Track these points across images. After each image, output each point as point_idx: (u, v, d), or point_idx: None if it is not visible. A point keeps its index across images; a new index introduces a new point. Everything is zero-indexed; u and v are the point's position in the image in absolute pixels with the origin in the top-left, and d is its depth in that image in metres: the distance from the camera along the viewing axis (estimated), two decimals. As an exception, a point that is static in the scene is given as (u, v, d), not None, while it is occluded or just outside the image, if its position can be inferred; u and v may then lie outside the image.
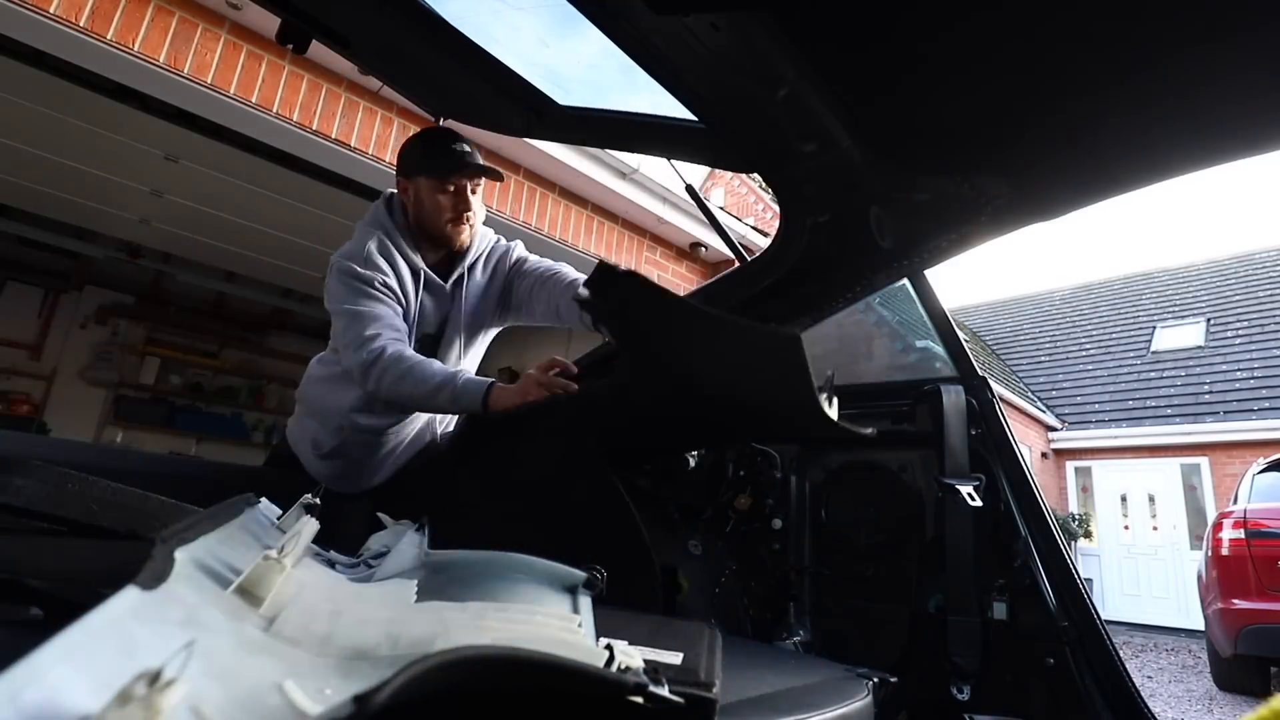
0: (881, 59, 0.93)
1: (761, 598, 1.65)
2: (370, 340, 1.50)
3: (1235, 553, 5.30)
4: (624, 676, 0.46)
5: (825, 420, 1.01)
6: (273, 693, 0.33)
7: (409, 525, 0.91)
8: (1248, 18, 0.74)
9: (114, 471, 0.71)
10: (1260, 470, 5.93)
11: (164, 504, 0.69)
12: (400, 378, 1.47)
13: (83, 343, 6.69)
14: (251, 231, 5.20)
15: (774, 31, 0.91)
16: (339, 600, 0.54)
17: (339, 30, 1.39)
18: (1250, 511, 5.42)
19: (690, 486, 1.62)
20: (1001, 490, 1.43)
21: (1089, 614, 1.30)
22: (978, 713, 1.32)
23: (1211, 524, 5.97)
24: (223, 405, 7.52)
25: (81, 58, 2.80)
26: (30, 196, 5.08)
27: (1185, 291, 14.78)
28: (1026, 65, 0.88)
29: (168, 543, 0.42)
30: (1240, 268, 14.62)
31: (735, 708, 0.66)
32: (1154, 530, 11.59)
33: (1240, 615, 5.10)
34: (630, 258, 4.84)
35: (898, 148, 1.09)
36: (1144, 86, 0.86)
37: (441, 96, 1.61)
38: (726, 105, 1.09)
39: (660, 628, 0.74)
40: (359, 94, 3.43)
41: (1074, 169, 1.05)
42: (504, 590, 0.65)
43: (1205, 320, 13.45)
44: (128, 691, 0.25)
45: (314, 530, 0.66)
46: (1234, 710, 4.93)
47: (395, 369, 1.47)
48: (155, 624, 0.33)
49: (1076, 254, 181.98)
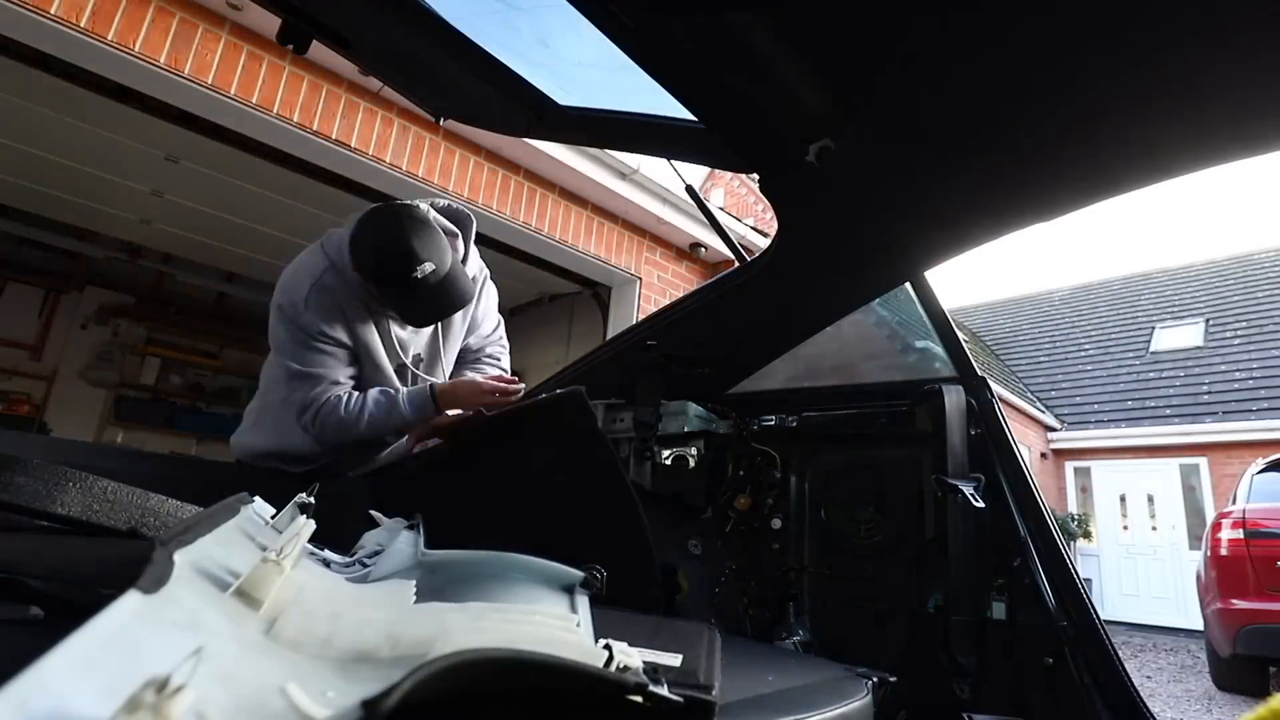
0: (881, 59, 0.93)
1: (761, 597, 1.65)
2: (309, 404, 1.52)
3: (1234, 553, 5.30)
4: (624, 676, 0.46)
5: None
6: (276, 696, 0.33)
7: (402, 523, 0.91)
8: (1248, 17, 0.74)
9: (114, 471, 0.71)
10: (1259, 470, 5.93)
11: (164, 503, 0.69)
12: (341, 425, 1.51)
13: (83, 343, 6.69)
14: (251, 232, 5.20)
15: (774, 31, 0.91)
16: (338, 601, 0.54)
17: (339, 30, 1.38)
18: (1249, 511, 5.42)
19: (690, 486, 1.62)
20: (1001, 490, 1.43)
21: (1088, 614, 1.30)
22: (977, 712, 1.32)
23: (1210, 524, 5.96)
24: (223, 405, 7.51)
25: (82, 58, 2.80)
26: (30, 196, 5.08)
27: (1184, 292, 14.78)
28: (1026, 65, 0.88)
29: (167, 545, 0.42)
30: (1239, 268, 14.62)
31: (735, 708, 0.66)
32: (1153, 530, 11.59)
33: (1239, 615, 5.10)
34: (630, 258, 4.84)
35: (897, 148, 1.09)
36: (1144, 86, 0.86)
37: (441, 96, 1.61)
38: (726, 106, 1.09)
39: (660, 628, 0.74)
40: (359, 94, 3.43)
41: (1074, 169, 1.05)
42: (501, 590, 0.65)
43: (1204, 321, 13.45)
44: (137, 699, 0.25)
45: (310, 530, 0.66)
46: (1233, 710, 4.93)
47: (333, 418, 1.50)
48: (158, 629, 0.33)
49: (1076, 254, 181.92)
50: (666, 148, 1.48)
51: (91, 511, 0.64)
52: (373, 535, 0.87)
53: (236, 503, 0.65)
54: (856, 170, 1.16)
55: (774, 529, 1.67)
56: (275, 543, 0.58)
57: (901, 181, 1.17)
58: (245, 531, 0.62)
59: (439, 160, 3.77)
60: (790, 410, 1.72)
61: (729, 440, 1.73)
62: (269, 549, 0.53)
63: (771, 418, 1.73)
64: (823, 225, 1.36)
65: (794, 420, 1.71)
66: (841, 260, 1.44)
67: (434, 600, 0.59)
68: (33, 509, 0.61)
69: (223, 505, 0.61)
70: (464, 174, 3.89)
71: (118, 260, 6.34)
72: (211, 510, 0.59)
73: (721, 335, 1.68)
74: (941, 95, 0.96)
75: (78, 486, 0.65)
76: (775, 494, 1.69)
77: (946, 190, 1.16)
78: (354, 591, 0.63)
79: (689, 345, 1.63)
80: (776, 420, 1.73)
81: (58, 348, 6.57)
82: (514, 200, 4.12)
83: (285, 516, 0.70)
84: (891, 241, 1.36)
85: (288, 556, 0.50)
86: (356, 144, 3.42)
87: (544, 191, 4.30)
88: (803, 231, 1.38)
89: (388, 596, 0.61)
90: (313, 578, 0.59)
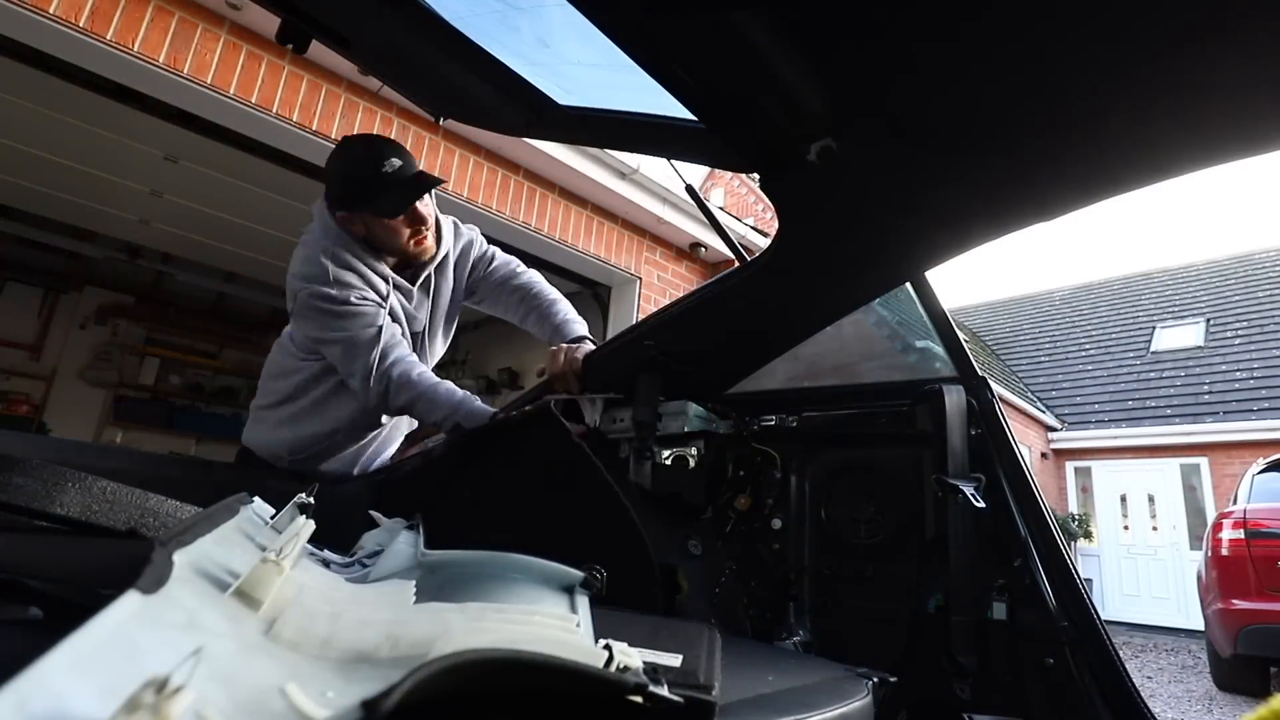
0: (881, 60, 0.93)
1: (761, 598, 1.65)
2: (373, 368, 1.53)
3: (1235, 553, 5.30)
4: (624, 676, 0.46)
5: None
6: (275, 696, 0.33)
7: (402, 523, 0.91)
8: (1248, 16, 0.74)
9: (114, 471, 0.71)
10: (1260, 470, 5.93)
11: (163, 503, 0.69)
12: (410, 403, 1.54)
13: (82, 343, 6.69)
14: (251, 231, 5.20)
15: (774, 31, 0.91)
16: (338, 602, 0.54)
17: (339, 30, 1.38)
18: (1250, 512, 5.42)
19: (690, 486, 1.62)
20: (1002, 490, 1.43)
21: (1089, 614, 1.30)
22: (977, 712, 1.32)
23: (1211, 524, 5.97)
24: (223, 405, 7.52)
25: (81, 58, 2.80)
26: (30, 196, 5.08)
27: (1185, 292, 14.79)
28: (1026, 65, 0.88)
29: (167, 546, 0.42)
30: (1240, 268, 14.63)
31: (735, 708, 0.66)
32: (1154, 530, 11.59)
33: (1240, 615, 5.10)
34: (630, 258, 4.84)
35: (898, 148, 1.09)
36: (1144, 86, 0.86)
37: (441, 96, 1.60)
38: (726, 106, 1.09)
39: (660, 628, 0.74)
40: (359, 94, 3.43)
41: (1074, 169, 1.05)
42: (501, 590, 0.65)
43: (1205, 320, 13.45)
44: (136, 699, 0.25)
45: (310, 530, 0.66)
46: (1234, 710, 4.93)
47: (406, 393, 1.53)
48: (157, 629, 0.33)
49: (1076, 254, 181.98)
50: (666, 148, 1.48)
51: (90, 512, 0.64)
52: (372, 535, 0.87)
53: (236, 503, 0.65)
54: (857, 170, 1.16)
55: (774, 529, 1.67)
56: (275, 543, 0.58)
57: (902, 181, 1.17)
58: (245, 532, 0.61)
59: (439, 160, 3.77)
60: (790, 410, 1.72)
61: (729, 440, 1.73)
62: (268, 549, 0.53)
63: (771, 418, 1.73)
64: (823, 225, 1.36)
65: (794, 420, 1.71)
66: (842, 260, 1.44)
67: (434, 600, 0.59)
68: (32, 509, 0.61)
69: (222, 505, 0.61)
70: (464, 174, 3.89)
71: (117, 260, 6.35)
72: (211, 510, 0.59)
73: (721, 335, 1.68)
74: (943, 95, 0.96)
75: (77, 486, 0.64)
76: (775, 494, 1.69)
77: (947, 190, 1.16)
78: (354, 592, 0.63)
79: (688, 344, 1.63)
80: (776, 420, 1.72)
81: (57, 348, 6.58)
82: (514, 200, 4.12)
83: (285, 516, 0.70)
84: (892, 241, 1.36)
85: (287, 556, 0.50)
86: (356, 144, 3.41)
87: (544, 191, 4.30)
88: (803, 231, 1.38)
89: (387, 597, 0.61)
90: (312, 578, 0.59)
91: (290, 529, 0.63)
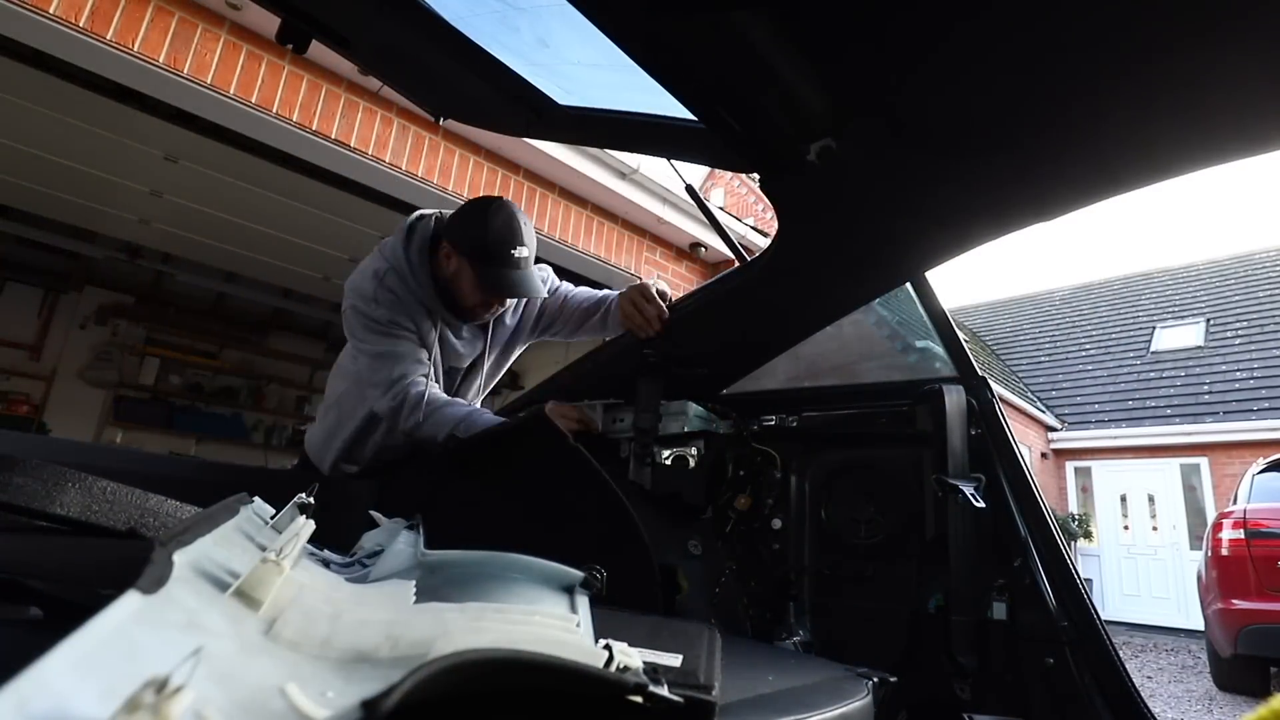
0: (880, 60, 0.93)
1: (761, 598, 1.65)
2: (393, 384, 1.58)
3: (1235, 553, 5.31)
4: (624, 676, 0.46)
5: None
6: (275, 696, 0.33)
7: (402, 523, 0.91)
8: (1248, 16, 0.74)
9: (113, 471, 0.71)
10: (1260, 470, 5.93)
11: (163, 503, 0.69)
12: (420, 424, 1.57)
13: (82, 343, 6.69)
14: (251, 231, 5.20)
15: (774, 31, 0.91)
16: (338, 602, 0.53)
17: (339, 30, 1.38)
18: (1250, 512, 5.43)
19: (690, 486, 1.62)
20: (1002, 490, 1.43)
21: (1089, 614, 1.30)
22: (977, 712, 1.32)
23: (1211, 524, 5.97)
24: (222, 405, 7.52)
25: (81, 58, 2.80)
26: (30, 196, 5.08)
27: (1185, 292, 14.79)
28: (1026, 65, 0.88)
29: (166, 545, 0.42)
30: (1240, 268, 14.63)
31: (735, 708, 0.66)
32: (1154, 530, 11.60)
33: (1240, 615, 5.11)
34: (630, 258, 4.84)
35: (898, 148, 1.09)
36: (1144, 86, 0.86)
37: (441, 96, 1.60)
38: (726, 106, 1.09)
39: (660, 628, 0.74)
40: (359, 94, 3.43)
41: (1074, 169, 1.05)
42: (501, 590, 0.65)
43: (1205, 320, 13.45)
44: (136, 699, 0.25)
45: (310, 530, 0.66)
46: (1234, 710, 4.93)
47: (417, 414, 1.57)
48: (157, 629, 0.33)
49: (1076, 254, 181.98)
50: (666, 148, 1.48)
51: (90, 512, 0.64)
52: (372, 535, 0.87)
53: (236, 503, 0.65)
54: (857, 170, 1.16)
55: (774, 529, 1.67)
56: (275, 543, 0.58)
57: (902, 181, 1.17)
58: (245, 532, 0.61)
59: (438, 160, 3.77)
60: (790, 410, 1.72)
61: (729, 440, 1.73)
62: (269, 549, 0.53)
63: (771, 418, 1.73)
64: (823, 225, 1.36)
65: (794, 420, 1.71)
66: (842, 260, 1.44)
67: (434, 600, 0.59)
68: (32, 509, 0.61)
69: (222, 505, 0.61)
70: (464, 174, 3.89)
71: (117, 260, 6.35)
72: (211, 510, 0.59)
73: (721, 335, 1.68)
74: (943, 95, 0.96)
75: (77, 486, 0.64)
76: (775, 494, 1.69)
77: (947, 190, 1.16)
78: (354, 591, 0.63)
79: (688, 345, 1.63)
80: (776, 420, 1.72)
81: (57, 348, 6.57)
82: (514, 200, 4.12)
83: (285, 517, 0.70)
84: (892, 241, 1.36)
85: (287, 557, 0.50)
86: (356, 143, 3.42)
87: (544, 191, 4.30)
88: (803, 231, 1.38)
89: (387, 597, 0.61)
90: (312, 578, 0.59)
91: (290, 529, 0.63)
